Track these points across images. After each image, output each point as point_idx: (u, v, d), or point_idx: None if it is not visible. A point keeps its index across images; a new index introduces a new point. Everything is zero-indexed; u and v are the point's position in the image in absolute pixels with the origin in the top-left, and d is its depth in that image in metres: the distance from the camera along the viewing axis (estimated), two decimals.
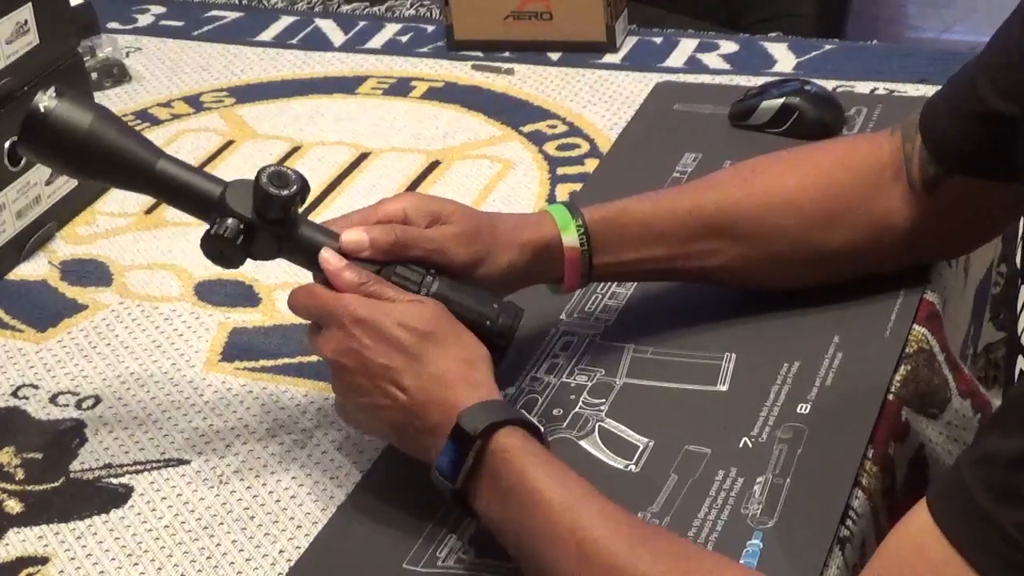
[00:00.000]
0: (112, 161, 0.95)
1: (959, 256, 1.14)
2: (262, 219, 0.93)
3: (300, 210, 0.95)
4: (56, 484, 0.99)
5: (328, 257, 0.93)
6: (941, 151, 1.01)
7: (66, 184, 1.28)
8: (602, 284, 1.12)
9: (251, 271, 1.20)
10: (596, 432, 0.98)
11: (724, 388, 1.01)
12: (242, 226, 0.93)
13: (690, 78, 1.46)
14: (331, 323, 0.92)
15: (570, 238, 1.00)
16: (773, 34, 1.57)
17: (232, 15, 1.70)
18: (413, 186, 1.31)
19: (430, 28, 1.62)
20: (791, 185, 1.05)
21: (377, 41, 1.61)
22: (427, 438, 0.88)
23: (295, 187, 0.93)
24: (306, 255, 0.95)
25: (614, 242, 1.02)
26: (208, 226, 0.94)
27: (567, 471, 0.84)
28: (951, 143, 1.00)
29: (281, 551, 0.92)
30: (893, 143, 1.05)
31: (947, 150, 1.01)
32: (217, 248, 0.93)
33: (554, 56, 1.53)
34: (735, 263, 1.04)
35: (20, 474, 1.00)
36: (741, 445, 0.95)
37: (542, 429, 0.88)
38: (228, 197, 0.94)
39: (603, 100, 1.44)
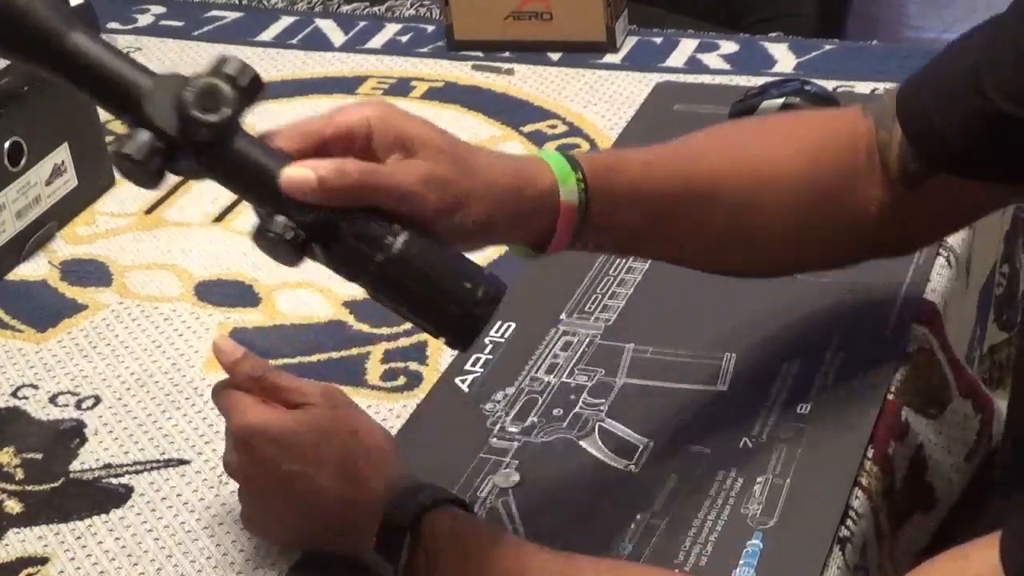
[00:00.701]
0: (8, 20, 0.78)
1: (929, 244, 1.11)
2: (186, 140, 0.77)
3: (249, 112, 0.79)
4: (56, 484, 0.99)
5: (222, 346, 0.87)
6: (931, 148, 0.93)
7: (66, 184, 1.28)
8: (602, 284, 1.12)
9: (251, 271, 1.20)
10: (596, 432, 0.98)
11: (724, 388, 1.01)
12: (160, 144, 0.77)
13: (690, 78, 1.46)
14: (229, 432, 0.88)
15: (569, 192, 0.85)
16: (773, 34, 1.57)
17: (232, 15, 1.70)
18: None
19: (430, 28, 1.62)
20: (779, 161, 0.95)
21: (377, 41, 1.61)
22: (353, 537, 0.85)
23: (228, 111, 0.77)
24: (239, 183, 0.80)
25: (607, 203, 0.88)
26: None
27: (500, 534, 0.85)
28: (943, 141, 0.92)
29: (281, 551, 0.92)
30: (867, 127, 0.96)
31: (939, 148, 0.92)
32: (128, 168, 0.77)
33: (554, 56, 1.53)
34: (717, 241, 0.94)
35: (20, 474, 1.00)
36: (741, 445, 0.95)
37: (465, 499, 0.87)
38: (149, 104, 0.77)
39: (603, 100, 1.43)
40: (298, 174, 0.78)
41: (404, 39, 1.61)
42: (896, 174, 0.95)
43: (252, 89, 0.78)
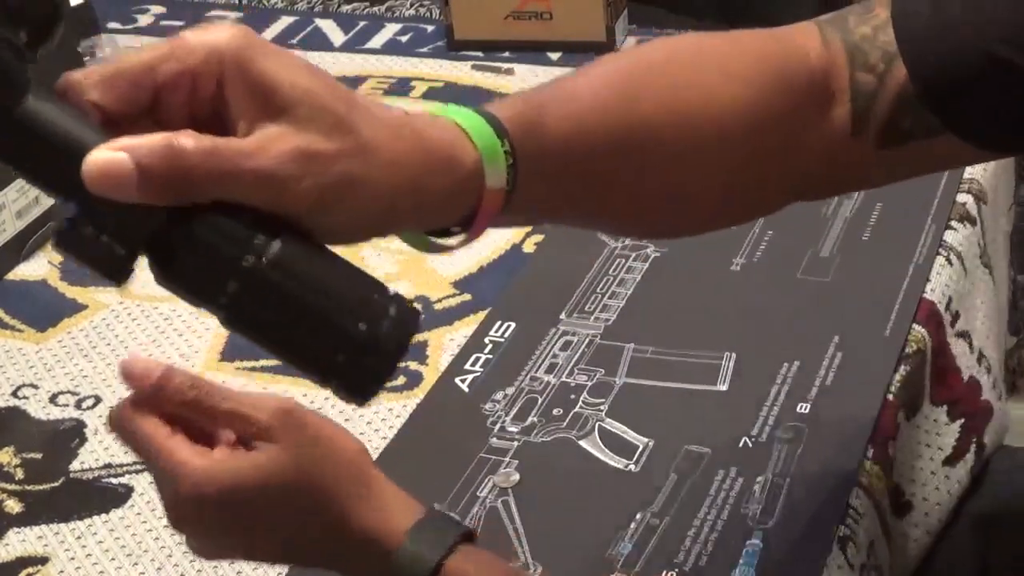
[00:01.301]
0: None
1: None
2: None
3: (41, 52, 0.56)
4: (56, 484, 0.99)
5: (134, 366, 0.68)
6: (951, 104, 0.75)
7: None
8: (602, 284, 1.12)
9: None
10: (596, 432, 0.98)
11: (724, 388, 1.01)
12: None
13: None
14: (161, 484, 0.69)
15: (496, 173, 0.64)
16: None
17: (232, 15, 1.70)
18: None
19: (430, 28, 1.62)
20: (719, 111, 0.75)
21: (377, 41, 1.61)
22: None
23: None
24: (27, 167, 0.57)
25: (534, 175, 0.67)
26: None
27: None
28: (971, 101, 0.75)
29: None
30: (829, 62, 0.77)
31: (965, 105, 0.75)
32: None
33: (554, 56, 1.53)
34: (648, 201, 0.76)
35: (20, 474, 1.00)
36: (741, 445, 0.95)
37: (474, 531, 0.73)
38: None
39: None
40: (109, 161, 0.54)
41: (404, 39, 1.61)
42: (877, 128, 0.77)
43: (40, 20, 0.56)
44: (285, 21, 1.67)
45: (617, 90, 0.74)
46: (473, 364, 1.05)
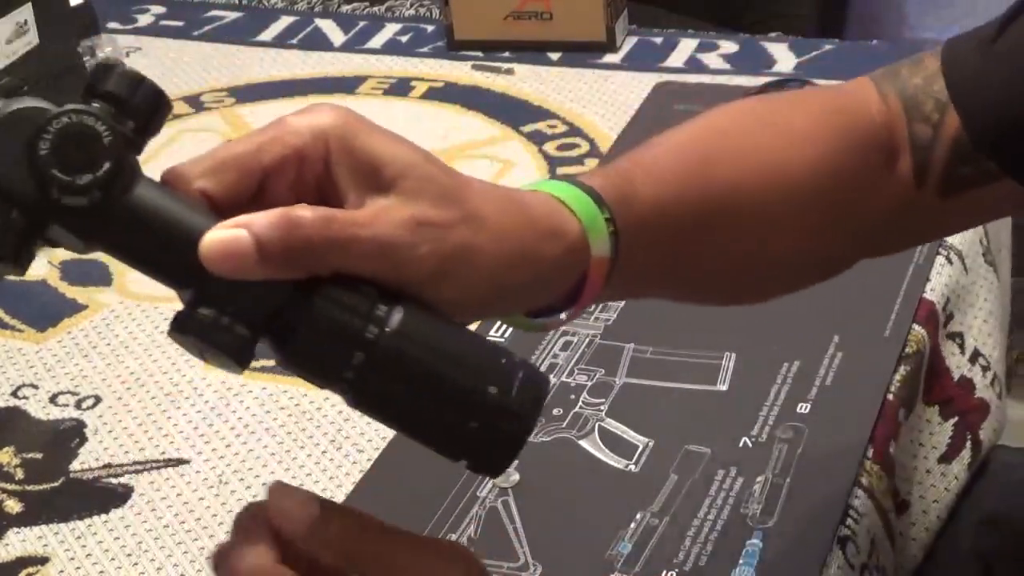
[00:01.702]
0: None
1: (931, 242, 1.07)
2: (53, 210, 0.54)
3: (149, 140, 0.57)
4: (56, 484, 0.99)
5: (283, 499, 0.56)
6: (1006, 147, 0.75)
7: None
8: None
9: None
10: (596, 432, 0.98)
11: (724, 388, 1.01)
12: (18, 215, 0.54)
13: (690, 78, 1.46)
14: None
15: (600, 242, 0.64)
16: (773, 34, 1.57)
17: (232, 15, 1.70)
18: None
19: (430, 28, 1.62)
20: (792, 166, 0.76)
21: (377, 41, 1.61)
22: None
23: (108, 164, 0.54)
24: (140, 258, 0.57)
25: (632, 242, 0.67)
26: None
27: None
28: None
29: None
30: (890, 118, 0.78)
31: (1018, 146, 0.74)
32: None
33: (554, 56, 1.53)
34: (739, 266, 0.76)
35: (20, 474, 1.00)
36: (741, 445, 0.95)
37: None
38: None
39: (603, 100, 1.43)
40: (228, 239, 0.54)
41: (404, 39, 1.61)
42: (937, 177, 0.77)
43: (148, 110, 0.56)
44: (285, 21, 1.67)
45: (693, 158, 0.74)
46: None
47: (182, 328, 0.56)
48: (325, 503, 0.57)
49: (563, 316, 0.65)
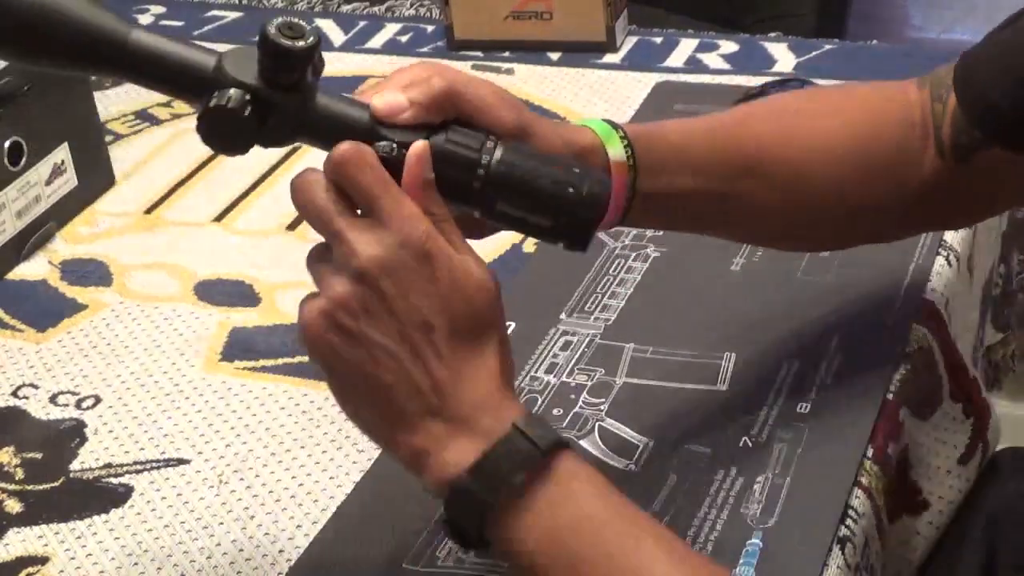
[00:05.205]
0: (70, 32, 0.76)
1: (972, 224, 1.14)
2: (272, 86, 0.75)
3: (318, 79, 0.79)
4: (56, 484, 0.99)
5: (417, 153, 0.76)
6: (984, 118, 0.91)
7: (66, 184, 1.28)
8: (602, 283, 1.12)
9: (251, 271, 1.20)
10: (596, 432, 0.98)
11: (724, 388, 1.01)
12: (248, 97, 0.75)
13: (690, 78, 1.46)
14: (378, 231, 0.74)
15: (616, 151, 0.84)
16: (773, 34, 1.57)
17: (232, 15, 1.70)
18: None
19: (430, 28, 1.62)
20: (831, 133, 0.93)
21: (377, 41, 1.61)
22: (440, 431, 0.73)
23: (312, 39, 0.75)
24: (331, 132, 0.77)
25: (657, 165, 0.86)
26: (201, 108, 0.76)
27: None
28: (998, 112, 0.90)
29: (281, 551, 0.92)
30: (922, 100, 0.94)
31: (992, 119, 0.90)
32: (220, 125, 0.75)
33: (554, 56, 1.53)
34: (772, 212, 0.92)
35: (20, 474, 1.00)
36: (741, 445, 0.95)
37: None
38: (227, 64, 0.76)
39: (603, 100, 1.43)
40: (388, 97, 0.77)
41: (404, 39, 1.61)
42: (947, 146, 0.92)
43: (319, 40, 0.76)
44: None
45: (731, 112, 0.94)
46: None
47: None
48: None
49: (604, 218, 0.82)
